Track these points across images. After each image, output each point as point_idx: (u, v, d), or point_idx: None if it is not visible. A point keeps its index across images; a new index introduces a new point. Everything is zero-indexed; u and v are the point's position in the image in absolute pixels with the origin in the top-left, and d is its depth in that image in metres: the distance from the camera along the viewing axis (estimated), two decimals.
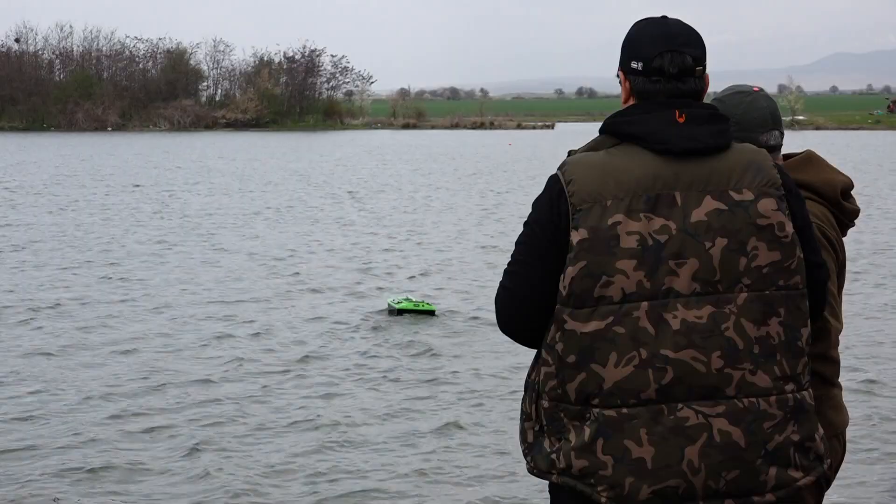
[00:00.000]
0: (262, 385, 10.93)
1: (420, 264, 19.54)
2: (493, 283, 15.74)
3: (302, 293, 16.43)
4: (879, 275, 18.13)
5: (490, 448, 9.07)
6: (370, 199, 32.93)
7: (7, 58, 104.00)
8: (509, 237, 20.92)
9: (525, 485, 8.11)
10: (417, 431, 9.50)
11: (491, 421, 9.81)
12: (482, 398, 10.54)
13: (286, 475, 8.42)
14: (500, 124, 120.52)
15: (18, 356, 12.09)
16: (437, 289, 16.78)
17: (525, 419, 3.26)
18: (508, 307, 3.22)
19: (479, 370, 11.59)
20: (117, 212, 28.60)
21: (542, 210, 3.15)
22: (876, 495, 8.09)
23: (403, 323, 14.02)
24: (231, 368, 11.62)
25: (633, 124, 3.15)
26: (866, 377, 11.12)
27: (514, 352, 11.81)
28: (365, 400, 10.46)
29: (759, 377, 3.06)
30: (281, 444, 9.11)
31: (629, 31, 3.29)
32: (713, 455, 3.03)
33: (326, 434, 9.37)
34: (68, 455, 8.81)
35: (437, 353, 12.39)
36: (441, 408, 10.21)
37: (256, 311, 14.91)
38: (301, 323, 14.11)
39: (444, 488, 8.25)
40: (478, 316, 14.41)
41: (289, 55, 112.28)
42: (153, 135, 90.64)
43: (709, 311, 3.04)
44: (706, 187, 3.09)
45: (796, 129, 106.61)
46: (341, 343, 12.97)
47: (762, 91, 3.95)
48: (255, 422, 9.70)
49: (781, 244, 3.09)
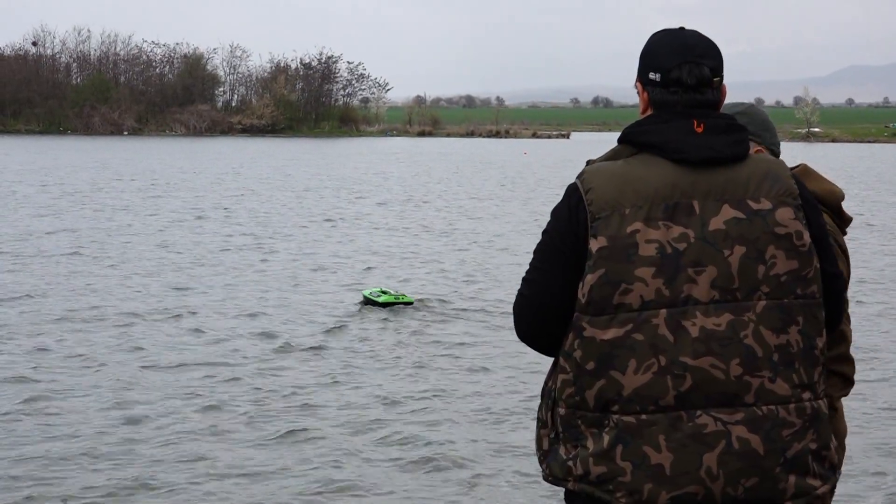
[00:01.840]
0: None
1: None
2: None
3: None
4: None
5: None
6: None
7: (25, 61, 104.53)
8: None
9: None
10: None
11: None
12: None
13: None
14: (516, 133, 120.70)
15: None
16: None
17: (541, 426, 3.27)
18: (526, 315, 3.24)
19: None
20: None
21: (561, 218, 3.17)
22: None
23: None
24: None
25: (651, 134, 3.17)
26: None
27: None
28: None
29: (777, 385, 3.07)
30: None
31: (647, 42, 3.31)
32: (732, 462, 3.03)
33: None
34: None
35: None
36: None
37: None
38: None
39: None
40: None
41: (305, 61, 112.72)
42: (172, 139, 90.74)
43: (728, 319, 3.06)
44: (724, 196, 3.11)
45: (812, 142, 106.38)
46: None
47: (755, 106, 4.07)
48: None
49: (799, 253, 3.11)
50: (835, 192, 3.95)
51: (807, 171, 3.98)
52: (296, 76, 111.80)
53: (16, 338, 13.14)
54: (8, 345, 12.76)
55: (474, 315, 15.13)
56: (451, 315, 15.22)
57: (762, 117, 4.07)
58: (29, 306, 15.26)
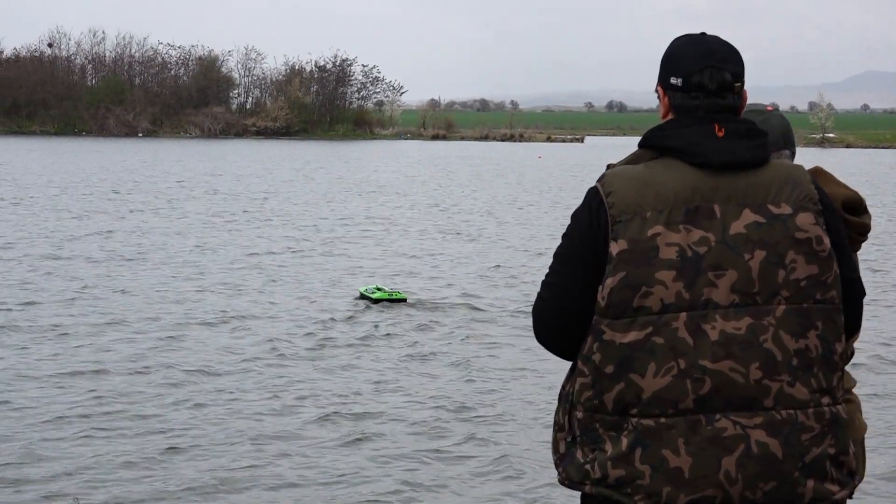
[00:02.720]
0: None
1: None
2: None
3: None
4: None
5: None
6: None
7: (40, 62, 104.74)
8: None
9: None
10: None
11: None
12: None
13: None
14: (530, 136, 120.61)
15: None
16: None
17: (558, 430, 3.27)
18: (546, 318, 3.24)
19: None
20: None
21: (582, 222, 3.17)
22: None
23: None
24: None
25: (672, 138, 3.18)
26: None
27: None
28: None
29: (797, 389, 3.08)
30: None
31: (668, 47, 3.31)
32: (750, 466, 3.03)
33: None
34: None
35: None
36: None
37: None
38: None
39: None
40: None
41: (320, 64, 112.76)
42: (188, 141, 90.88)
43: (747, 323, 3.06)
44: (745, 200, 3.11)
45: (826, 147, 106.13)
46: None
47: (776, 110, 3.99)
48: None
49: (819, 258, 3.11)
50: (835, 196, 3.82)
51: (817, 173, 3.90)
52: (310, 79, 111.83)
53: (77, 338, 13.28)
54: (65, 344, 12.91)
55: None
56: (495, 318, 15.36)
57: (780, 129, 3.97)
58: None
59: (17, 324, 14.02)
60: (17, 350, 12.57)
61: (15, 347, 12.70)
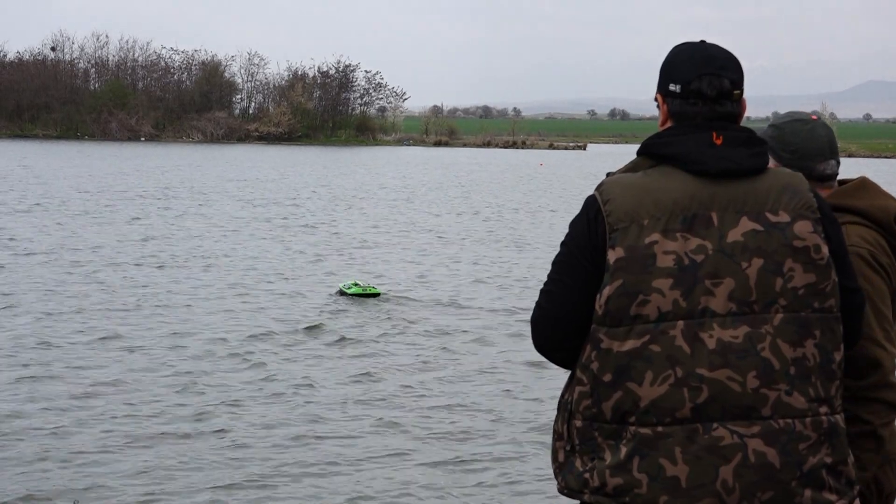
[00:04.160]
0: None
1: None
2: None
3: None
4: None
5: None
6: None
7: (43, 66, 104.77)
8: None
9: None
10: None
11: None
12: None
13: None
14: (532, 144, 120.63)
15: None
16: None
17: (557, 439, 3.26)
18: (544, 327, 3.23)
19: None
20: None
21: (580, 230, 3.16)
22: None
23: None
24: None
25: (670, 146, 3.17)
26: None
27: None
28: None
29: (794, 398, 3.06)
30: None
31: (668, 54, 3.30)
32: (747, 475, 3.02)
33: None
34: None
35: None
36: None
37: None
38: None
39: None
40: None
41: (323, 70, 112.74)
42: (191, 146, 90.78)
43: (745, 331, 3.04)
44: (742, 208, 3.10)
45: None
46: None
47: (820, 119, 3.86)
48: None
49: (817, 266, 3.10)
50: (886, 208, 3.71)
51: (864, 185, 3.80)
52: (313, 84, 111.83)
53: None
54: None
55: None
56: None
57: (826, 138, 3.78)
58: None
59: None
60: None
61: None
